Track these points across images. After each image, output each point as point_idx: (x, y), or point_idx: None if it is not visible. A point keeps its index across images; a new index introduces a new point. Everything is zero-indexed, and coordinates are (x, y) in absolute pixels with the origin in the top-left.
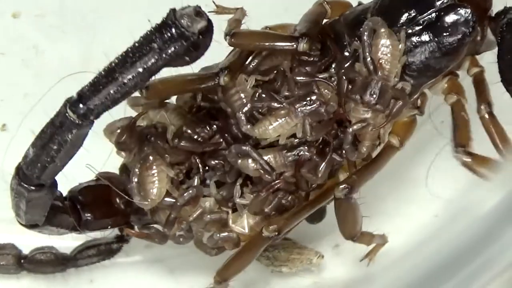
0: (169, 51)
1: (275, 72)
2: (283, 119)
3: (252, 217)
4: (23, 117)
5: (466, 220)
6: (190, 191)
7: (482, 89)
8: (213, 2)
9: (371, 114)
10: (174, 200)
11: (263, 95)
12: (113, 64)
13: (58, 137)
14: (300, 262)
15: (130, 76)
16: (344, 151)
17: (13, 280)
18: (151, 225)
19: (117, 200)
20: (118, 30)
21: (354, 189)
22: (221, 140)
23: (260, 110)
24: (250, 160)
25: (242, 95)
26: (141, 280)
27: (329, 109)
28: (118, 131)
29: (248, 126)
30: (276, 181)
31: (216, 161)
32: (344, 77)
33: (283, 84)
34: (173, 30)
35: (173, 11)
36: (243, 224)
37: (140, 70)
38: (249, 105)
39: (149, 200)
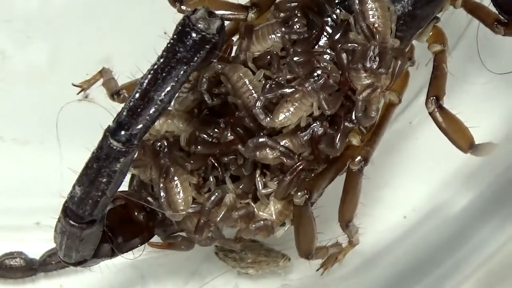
0: (196, 58)
1: (268, 57)
2: (299, 102)
3: (278, 202)
4: None
5: (435, 222)
6: (216, 193)
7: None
8: None
9: (375, 78)
10: (197, 206)
11: (273, 85)
12: (144, 85)
13: (106, 169)
14: (266, 264)
15: (164, 92)
16: (354, 118)
17: None
18: (176, 234)
19: (140, 217)
20: (85, 35)
21: (368, 160)
22: (233, 135)
23: (273, 101)
24: (268, 150)
25: (250, 86)
26: (112, 285)
27: (335, 79)
28: None
29: (268, 119)
30: (298, 163)
31: (230, 157)
32: (340, 49)
33: (279, 68)
34: (194, 36)
35: (187, 17)
36: (270, 211)
37: (173, 84)
38: (262, 98)
39: (179, 211)
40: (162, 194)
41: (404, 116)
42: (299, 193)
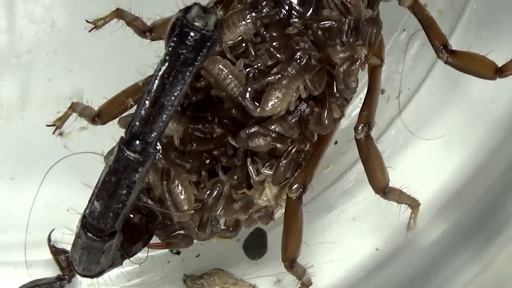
0: (199, 57)
1: (243, 45)
2: (286, 87)
3: (273, 187)
4: None
5: (408, 254)
6: (217, 188)
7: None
8: None
9: (353, 50)
10: (199, 203)
11: (256, 74)
12: (153, 92)
13: (126, 181)
14: None
15: (174, 96)
16: (337, 92)
17: None
18: (176, 233)
19: (138, 220)
20: (55, 70)
21: (371, 124)
22: (221, 128)
23: (258, 89)
24: (260, 138)
25: (233, 77)
26: None
27: (315, 58)
28: None
29: (258, 109)
30: (291, 146)
31: (220, 150)
32: (317, 28)
33: (257, 55)
34: (194, 35)
35: (184, 18)
36: (268, 197)
37: (181, 86)
38: (250, 90)
39: (184, 211)
40: (168, 197)
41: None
42: (293, 187)
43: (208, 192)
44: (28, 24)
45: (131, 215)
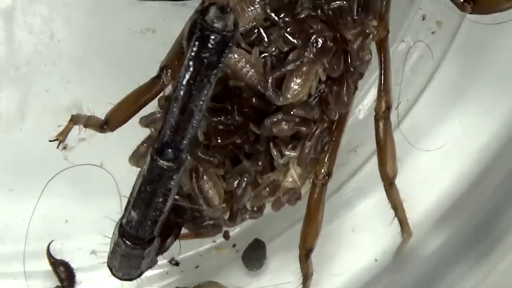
0: (222, 59)
1: (255, 31)
2: (306, 73)
3: (298, 167)
4: None
5: (406, 264)
6: (246, 179)
7: None
8: None
9: (364, 25)
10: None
11: (274, 61)
12: (180, 99)
13: (161, 189)
14: None
15: (201, 100)
16: (353, 68)
17: None
18: (206, 224)
19: (170, 216)
20: (54, 81)
21: (390, 103)
22: (242, 117)
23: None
24: (283, 123)
25: (248, 66)
26: None
27: (329, 39)
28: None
29: (281, 98)
30: (314, 127)
31: (243, 137)
32: (328, 9)
33: (271, 41)
34: (215, 38)
35: (202, 20)
36: (294, 179)
37: (207, 90)
38: (271, 80)
39: (216, 206)
40: (198, 194)
41: (374, 160)
42: (320, 175)
43: (236, 184)
44: (27, 35)
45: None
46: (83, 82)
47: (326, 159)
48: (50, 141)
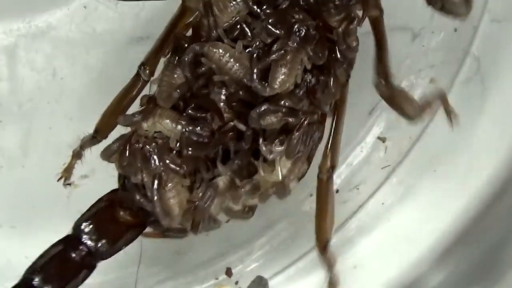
0: None
1: (238, 26)
2: (290, 62)
3: (287, 161)
4: None
5: None
6: (208, 193)
7: None
8: None
9: (348, 10)
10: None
11: (260, 54)
12: None
13: None
14: None
15: None
16: (339, 55)
17: None
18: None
19: (127, 217)
20: (57, 118)
21: (388, 75)
22: (229, 115)
23: (264, 68)
24: (272, 116)
25: (233, 60)
26: None
27: (312, 27)
28: (117, 154)
29: (268, 89)
30: (302, 119)
31: (229, 135)
32: None
33: (254, 34)
34: None
35: None
36: (277, 174)
37: None
38: (256, 71)
39: (174, 216)
40: (157, 203)
41: (376, 197)
42: (323, 169)
43: (200, 196)
44: (29, 72)
45: (121, 212)
46: (85, 119)
47: (327, 153)
48: (58, 180)
